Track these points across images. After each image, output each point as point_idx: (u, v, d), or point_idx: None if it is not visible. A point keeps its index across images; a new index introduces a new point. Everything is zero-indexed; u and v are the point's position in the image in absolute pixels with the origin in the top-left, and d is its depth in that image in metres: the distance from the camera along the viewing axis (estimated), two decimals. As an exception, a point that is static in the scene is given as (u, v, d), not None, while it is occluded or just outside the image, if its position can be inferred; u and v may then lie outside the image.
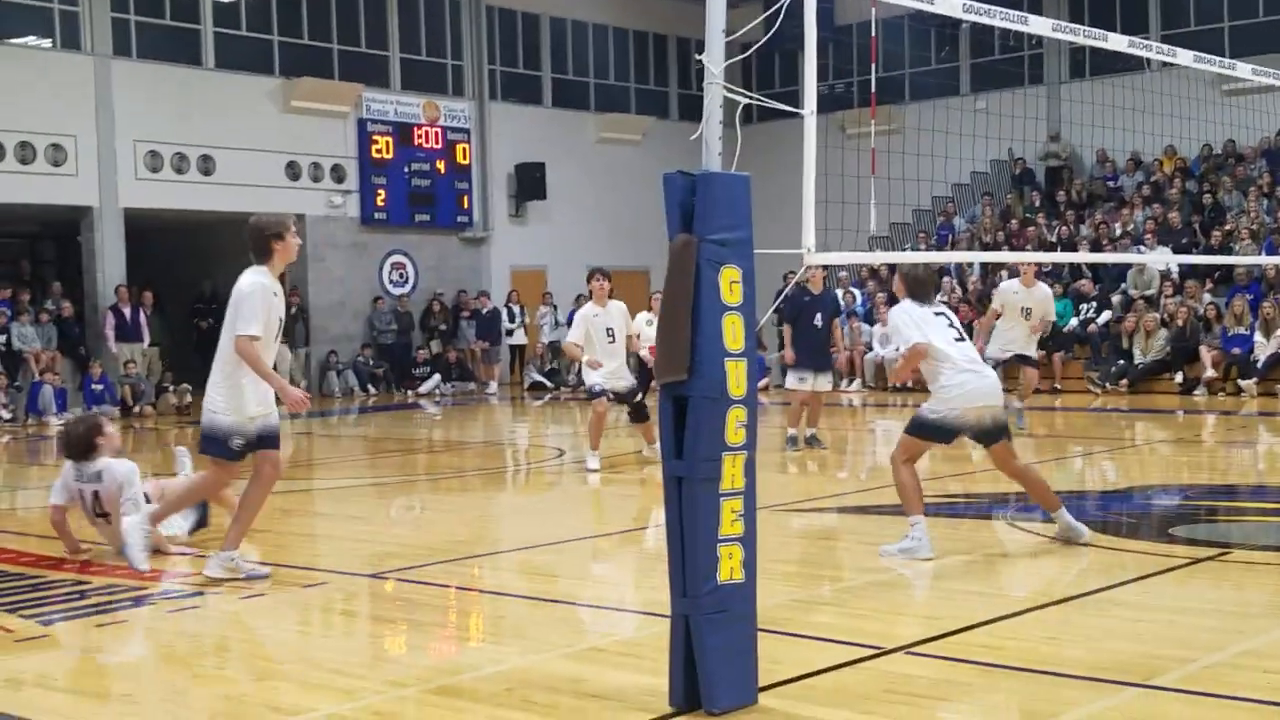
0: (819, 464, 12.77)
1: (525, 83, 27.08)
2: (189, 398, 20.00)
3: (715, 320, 4.95)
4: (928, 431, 7.25)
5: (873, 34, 6.75)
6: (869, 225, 7.02)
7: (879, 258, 6.72)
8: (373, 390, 23.30)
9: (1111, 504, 9.21)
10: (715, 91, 5.22)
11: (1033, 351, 13.64)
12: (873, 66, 7.31)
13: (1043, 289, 13.62)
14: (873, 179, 6.54)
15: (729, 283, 4.99)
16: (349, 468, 13.40)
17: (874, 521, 8.49)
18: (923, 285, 7.53)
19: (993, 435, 7.23)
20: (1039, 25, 7.01)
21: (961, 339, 7.36)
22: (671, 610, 4.66)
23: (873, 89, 21.48)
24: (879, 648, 5.21)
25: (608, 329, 11.73)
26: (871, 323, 22.71)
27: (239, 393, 6.74)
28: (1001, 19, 6.73)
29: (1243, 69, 8.71)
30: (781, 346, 22.80)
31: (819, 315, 12.61)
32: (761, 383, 22.96)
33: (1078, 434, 14.56)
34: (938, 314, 7.46)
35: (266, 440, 6.87)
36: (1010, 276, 15.96)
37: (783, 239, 5.65)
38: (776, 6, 5.84)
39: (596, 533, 8.91)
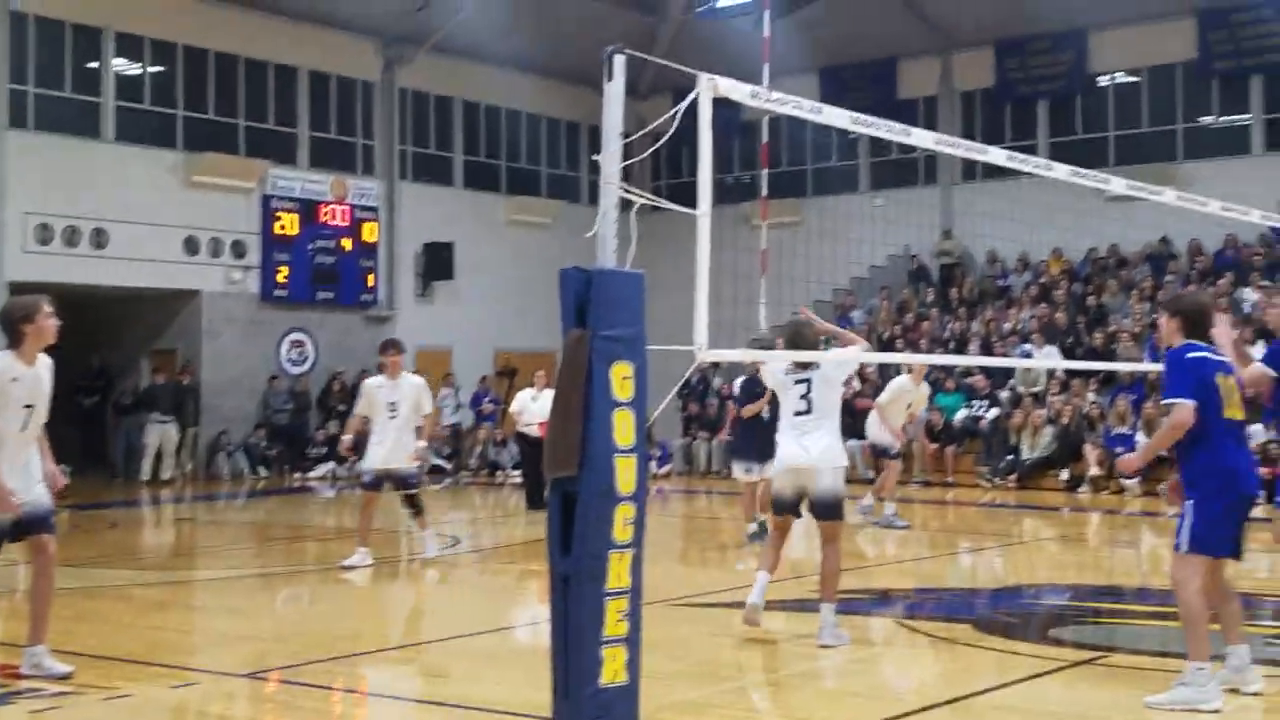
0: (719, 554, 12.82)
1: (436, 163, 27.19)
2: (66, 479, 19.40)
3: (606, 416, 5.00)
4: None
5: (763, 140, 6.93)
6: (762, 321, 7.16)
7: (769, 355, 6.81)
8: (264, 472, 22.84)
9: (999, 602, 9.36)
10: (610, 191, 5.33)
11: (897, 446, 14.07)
12: (764, 172, 7.49)
13: (926, 387, 14.35)
14: (763, 279, 6.69)
15: (620, 378, 5.06)
16: (232, 557, 13.00)
17: (766, 616, 8.51)
18: (796, 349, 7.74)
19: (816, 510, 7.46)
20: (921, 138, 7.24)
21: (805, 412, 7.56)
22: (553, 713, 4.63)
23: (763, 193, 22.09)
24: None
25: (390, 403, 11.12)
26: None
27: None
28: (887, 131, 6.97)
29: (1117, 183, 9.07)
30: (716, 430, 22.87)
31: (768, 407, 12.78)
32: (664, 469, 23.05)
33: (968, 529, 14.81)
34: (799, 381, 7.68)
35: (34, 526, 6.62)
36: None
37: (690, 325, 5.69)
38: (686, 101, 5.97)
39: (488, 628, 8.78)
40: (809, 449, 7.48)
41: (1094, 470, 18.52)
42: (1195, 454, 5.95)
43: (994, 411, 20.65)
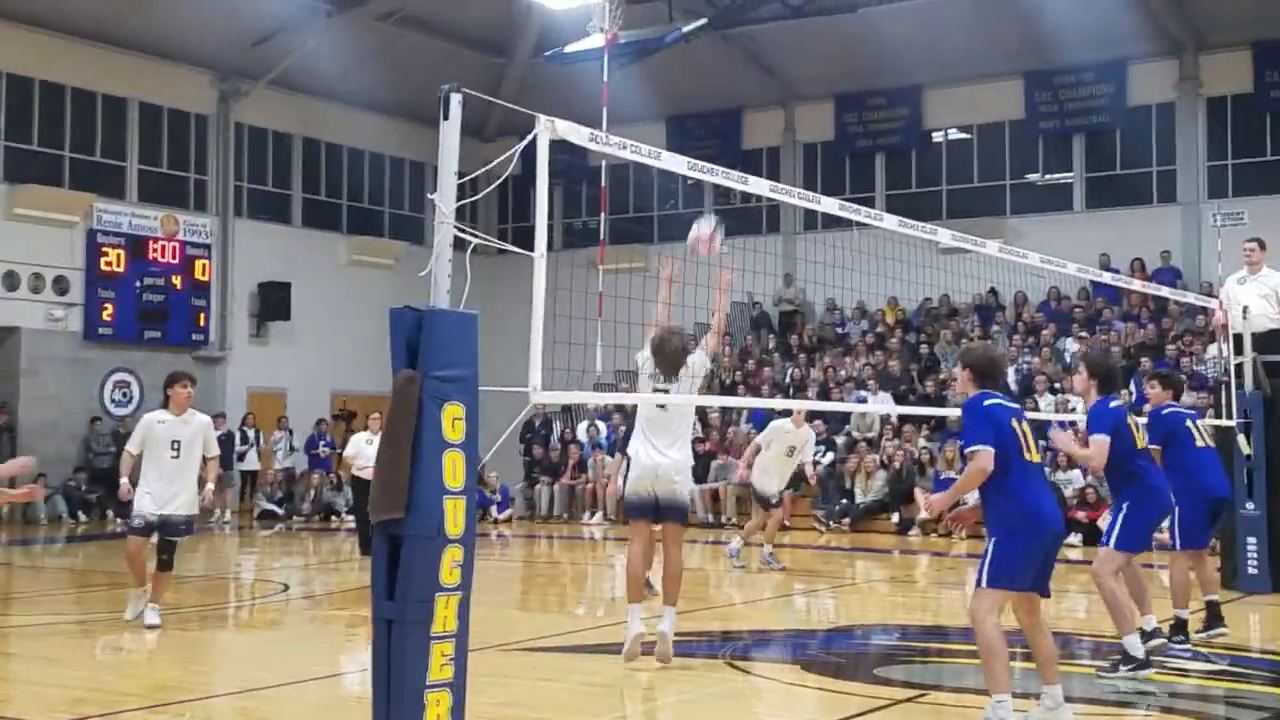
0: (559, 599, 12.75)
1: (274, 200, 26.67)
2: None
3: (436, 457, 4.94)
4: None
5: (602, 184, 6.98)
6: (598, 365, 7.18)
7: (604, 398, 6.86)
8: (84, 517, 21.88)
9: (829, 643, 9.50)
10: (446, 230, 5.28)
11: (778, 489, 14.19)
12: (602, 215, 7.55)
13: (809, 431, 14.47)
14: (599, 323, 6.73)
15: (451, 420, 5.00)
16: (49, 603, 12.43)
17: (598, 661, 8.49)
18: (661, 356, 8.35)
19: (665, 512, 7.97)
20: (758, 186, 7.40)
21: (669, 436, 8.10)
22: (374, 760, 4.51)
23: (602, 237, 22.27)
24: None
25: (173, 441, 9.83)
26: (615, 455, 22.99)
27: None
28: (723, 178, 7.10)
29: (944, 234, 9.40)
30: (558, 475, 22.75)
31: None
32: (504, 514, 22.85)
33: (804, 571, 15.02)
34: (660, 405, 8.17)
35: None
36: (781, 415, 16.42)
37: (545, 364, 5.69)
38: (524, 142, 5.97)
39: (316, 675, 8.54)
40: (665, 454, 8.01)
41: (923, 514, 19.03)
42: (996, 496, 6.20)
43: (829, 456, 21.07)
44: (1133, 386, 19.23)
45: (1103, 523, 14.08)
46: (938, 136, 26.61)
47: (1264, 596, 11.63)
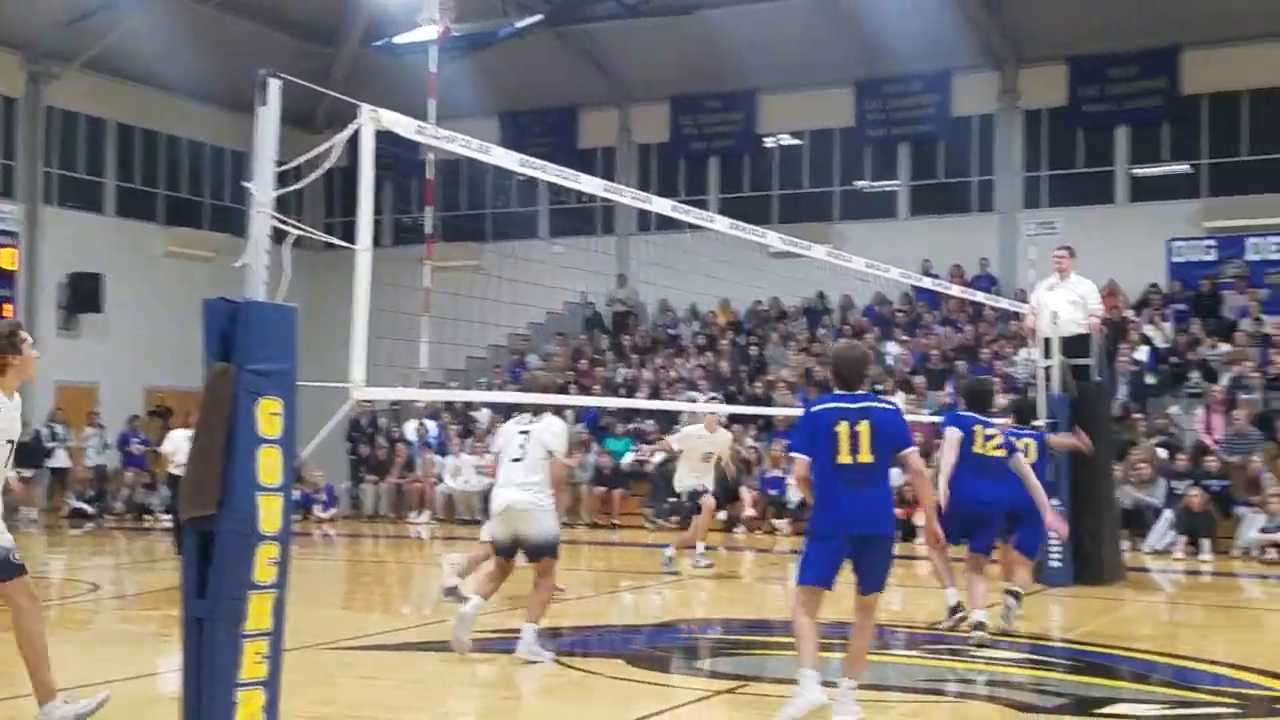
0: (383, 598, 12.58)
1: (86, 188, 25.61)
2: None
3: (250, 452, 4.83)
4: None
5: (428, 176, 6.90)
6: (423, 361, 7.10)
7: (427, 394, 6.77)
8: None
9: (654, 638, 9.59)
10: (262, 220, 5.17)
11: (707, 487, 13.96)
12: (428, 210, 7.46)
13: (724, 434, 14.33)
14: (426, 317, 6.66)
15: (268, 414, 4.89)
16: None
17: (421, 659, 8.41)
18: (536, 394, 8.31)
19: (530, 552, 8.06)
20: (590, 184, 7.43)
21: (519, 459, 8.10)
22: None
23: (429, 232, 22.04)
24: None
25: None
26: (444, 454, 22.78)
27: None
28: (555, 175, 7.10)
29: (773, 238, 9.59)
30: (385, 474, 22.32)
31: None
32: (329, 513, 22.40)
33: (632, 568, 15.13)
34: (523, 430, 8.22)
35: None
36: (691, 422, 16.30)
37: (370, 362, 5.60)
38: (347, 132, 5.86)
39: (126, 676, 8.22)
40: (524, 494, 8.05)
41: (749, 512, 19.37)
42: (813, 498, 6.47)
43: (660, 456, 21.24)
44: (950, 389, 19.93)
45: (918, 519, 14.67)
46: (770, 142, 27.09)
47: (1065, 588, 12.18)
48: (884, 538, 6.49)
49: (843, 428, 6.35)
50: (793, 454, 6.53)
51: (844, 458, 6.32)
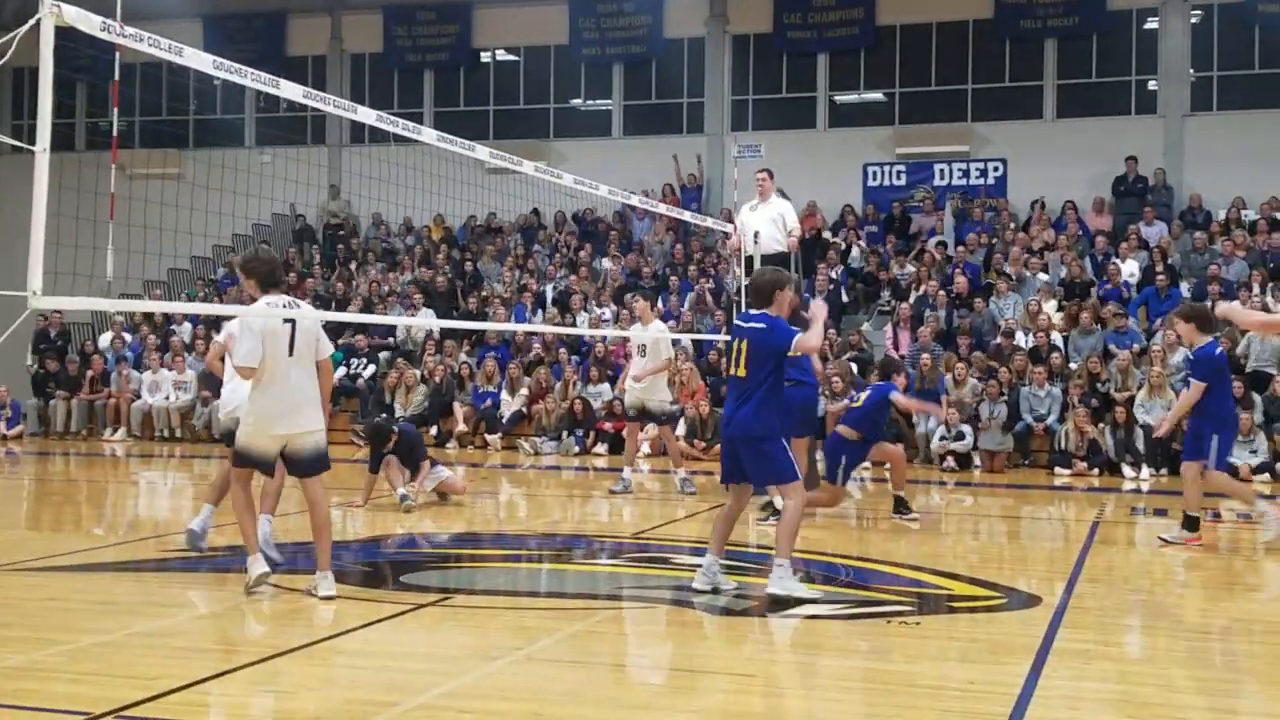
0: (73, 521, 12.02)
1: None
2: None
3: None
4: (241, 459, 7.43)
5: (114, 78, 6.57)
6: (109, 269, 6.78)
7: (109, 304, 6.44)
8: None
9: (357, 553, 9.57)
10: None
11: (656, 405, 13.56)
12: (113, 111, 7.08)
13: (657, 324, 14.00)
14: (110, 224, 6.34)
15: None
16: None
17: (112, 580, 8.14)
18: (271, 274, 7.38)
19: (300, 467, 7.45)
20: (290, 90, 7.21)
21: (291, 354, 7.28)
22: None
23: (114, 132, 20.85)
24: (89, 713, 4.97)
25: None
26: (141, 370, 21.78)
27: None
28: (252, 80, 6.87)
29: (483, 152, 9.57)
30: (76, 390, 21.11)
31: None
32: (14, 430, 21.10)
33: (338, 485, 14.94)
34: (286, 320, 7.26)
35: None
36: None
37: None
38: (25, 27, 5.52)
39: None
40: (298, 408, 7.34)
41: (461, 427, 19.45)
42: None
43: (370, 369, 21.03)
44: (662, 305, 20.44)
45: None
46: (486, 56, 26.83)
47: (762, 498, 12.80)
48: (738, 440, 7.43)
49: (737, 343, 7.45)
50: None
51: (737, 370, 7.44)
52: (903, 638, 6.61)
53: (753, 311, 7.48)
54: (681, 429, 17.90)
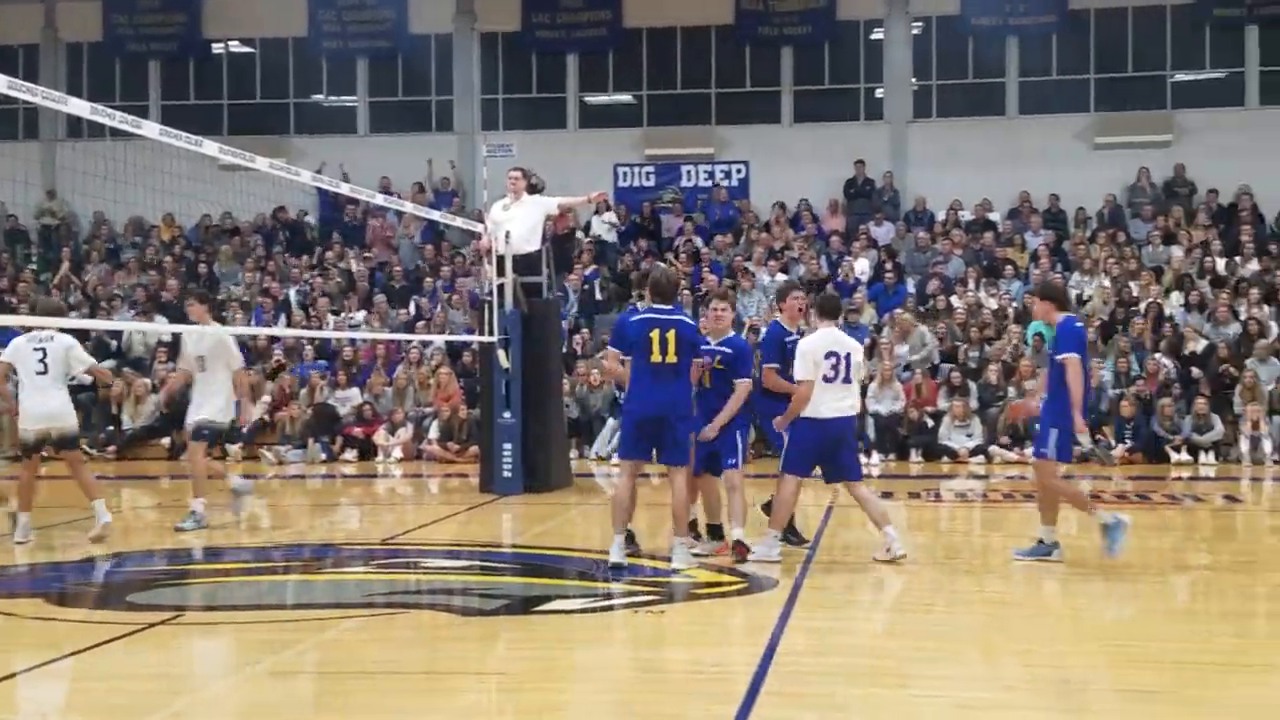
0: None
1: None
2: None
3: None
4: None
5: None
6: None
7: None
8: None
9: (83, 574, 8.86)
10: None
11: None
12: None
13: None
14: None
15: None
16: None
17: None
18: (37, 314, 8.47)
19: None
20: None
21: (43, 373, 9.57)
22: None
23: None
24: None
25: None
26: None
27: None
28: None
29: (211, 147, 8.99)
30: None
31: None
32: None
33: (65, 503, 13.90)
34: (37, 348, 9.45)
35: None
36: None
37: None
38: None
39: None
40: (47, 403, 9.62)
41: (257, 416, 18.40)
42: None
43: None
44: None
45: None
46: (218, 48, 25.66)
47: (516, 497, 12.63)
48: (653, 420, 8.19)
49: (654, 335, 8.06)
50: (608, 350, 8.71)
51: (655, 358, 8.07)
52: (650, 627, 6.74)
53: (663, 305, 8.28)
54: (434, 432, 17.49)
